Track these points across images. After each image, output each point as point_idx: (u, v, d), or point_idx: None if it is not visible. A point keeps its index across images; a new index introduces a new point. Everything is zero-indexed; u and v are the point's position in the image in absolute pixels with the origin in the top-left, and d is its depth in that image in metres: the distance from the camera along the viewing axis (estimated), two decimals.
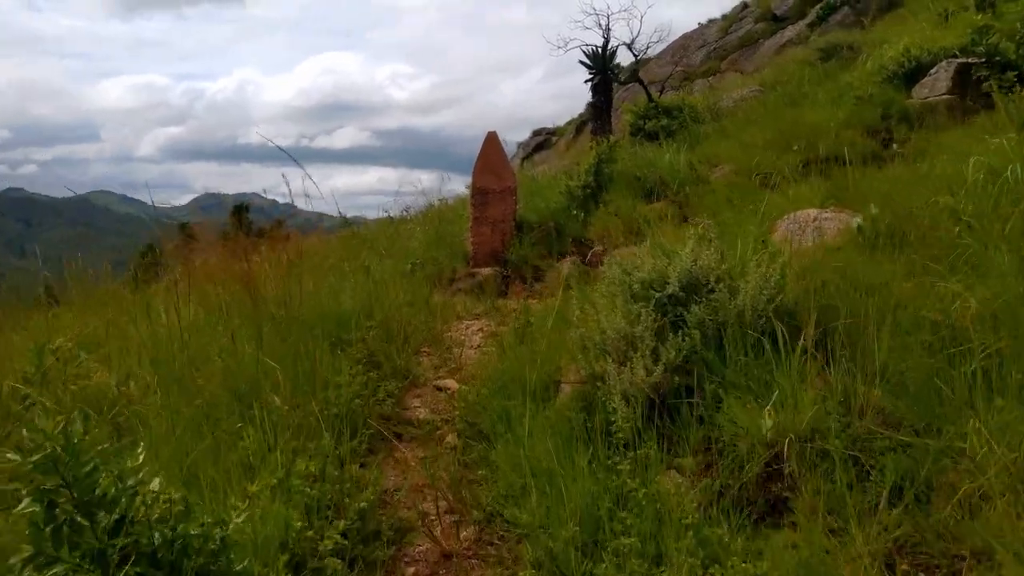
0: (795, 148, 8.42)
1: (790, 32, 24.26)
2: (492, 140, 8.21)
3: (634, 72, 12.24)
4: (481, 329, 5.52)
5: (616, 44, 12.24)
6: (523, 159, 38.04)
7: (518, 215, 8.47)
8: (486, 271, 7.93)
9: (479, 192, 8.21)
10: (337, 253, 11.62)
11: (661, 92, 12.55)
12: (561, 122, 35.73)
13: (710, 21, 30.06)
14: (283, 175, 5.47)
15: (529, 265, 7.91)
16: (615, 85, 13.03)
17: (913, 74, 9.16)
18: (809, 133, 8.77)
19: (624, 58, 12.89)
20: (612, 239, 7.88)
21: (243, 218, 24.78)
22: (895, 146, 8.53)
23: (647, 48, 12.72)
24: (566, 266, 7.27)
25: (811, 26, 23.09)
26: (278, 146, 5.64)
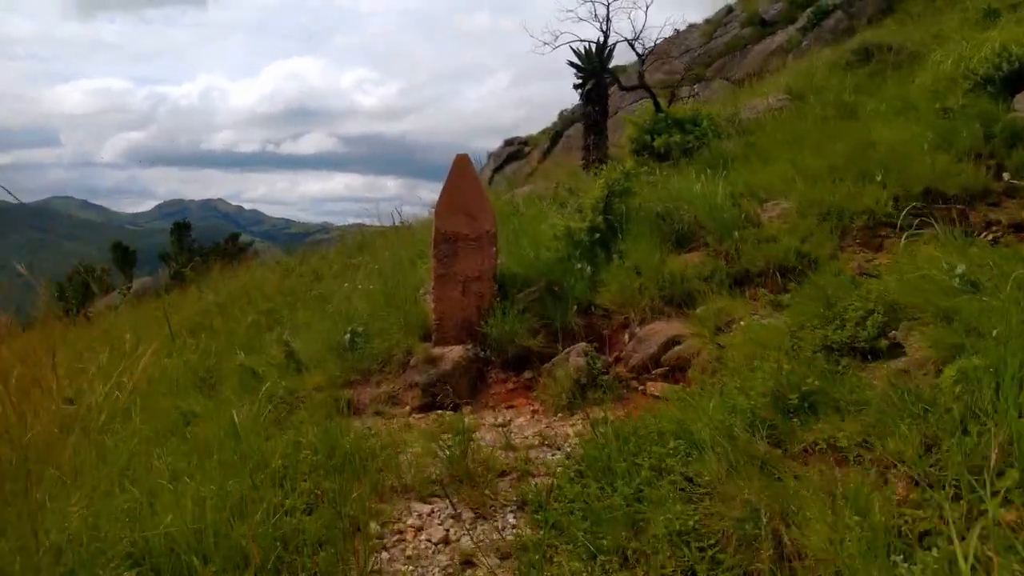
0: (878, 179, 6.16)
1: (780, 37, 22.48)
2: (462, 166, 5.79)
3: (639, 75, 9.93)
4: (446, 534, 3.02)
5: (616, 40, 9.93)
6: (494, 171, 35.70)
7: (499, 269, 6.08)
8: (454, 353, 5.50)
9: (445, 239, 5.79)
10: (250, 315, 9.16)
11: (671, 101, 10.26)
12: (533, 130, 33.53)
13: (691, 26, 28.15)
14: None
15: (516, 344, 5.50)
16: (611, 91, 10.70)
17: (1015, 79, 6.98)
18: (887, 157, 6.53)
19: (622, 58, 10.58)
20: (634, 307, 5.51)
21: (184, 237, 21.95)
22: (1006, 176, 6.32)
23: (654, 45, 10.44)
24: (574, 358, 4.85)
25: (802, 31, 21.33)
26: None
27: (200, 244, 31.96)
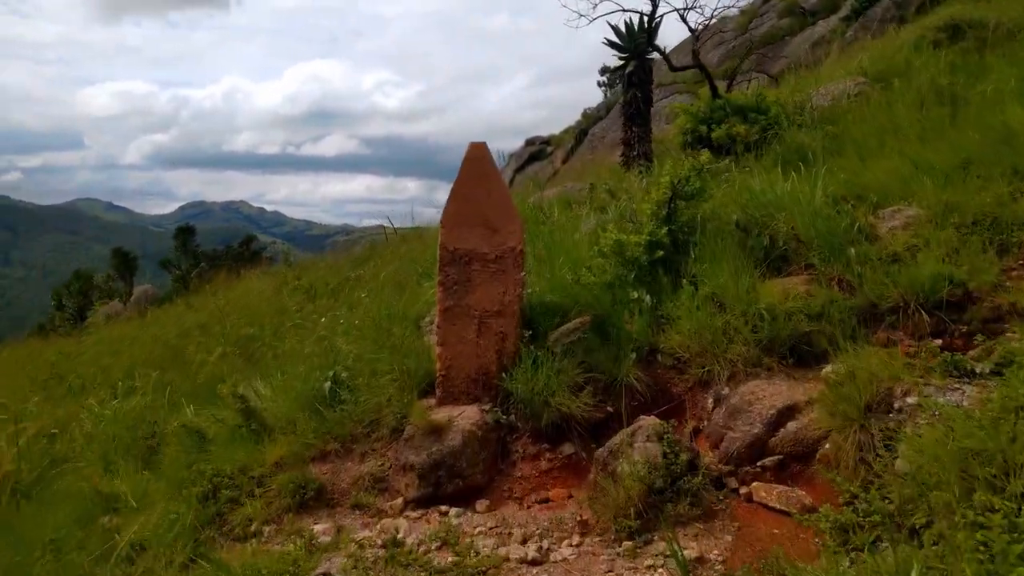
0: None
1: (822, 27, 20.83)
2: (478, 160, 4.22)
3: (694, 53, 8.32)
4: None
5: (665, 12, 8.31)
6: (515, 171, 34.16)
7: (526, 298, 4.52)
8: (465, 420, 3.95)
9: (455, 259, 4.23)
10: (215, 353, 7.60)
11: (730, 86, 8.62)
12: (555, 129, 32.06)
13: (724, 18, 26.44)
14: None
15: (553, 406, 3.94)
16: (656, 73, 9.09)
17: None
18: None
19: (669, 37, 9.03)
20: (719, 356, 3.92)
21: (188, 242, 20.66)
22: None
23: (711, 18, 8.78)
24: (642, 444, 3.25)
25: (846, 20, 19.67)
26: None
27: (214, 248, 30.75)
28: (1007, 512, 1.91)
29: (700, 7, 8.27)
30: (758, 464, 3.23)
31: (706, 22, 8.53)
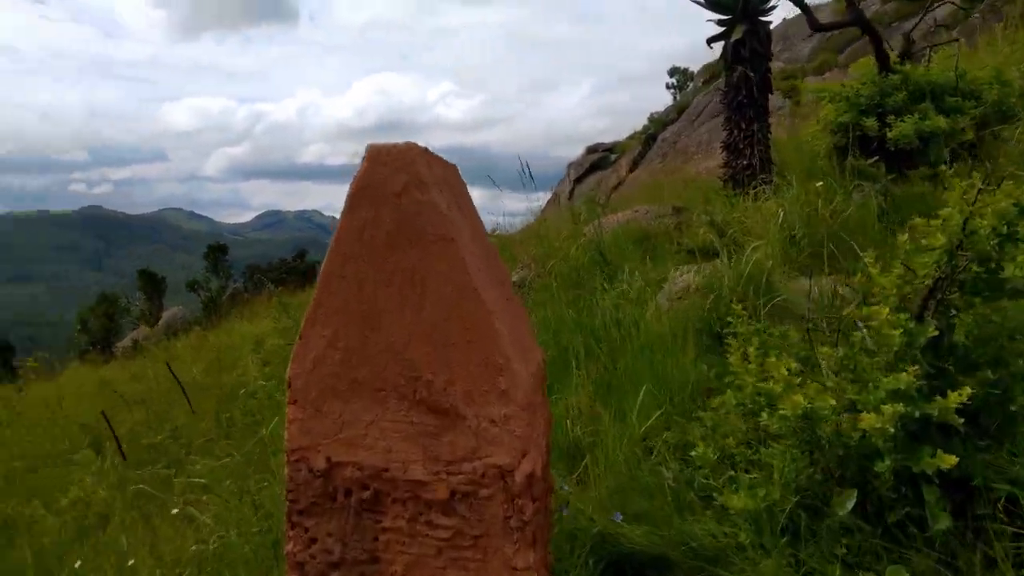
0: None
1: (938, 11, 17.20)
2: (400, 190, 1.38)
3: (850, 2, 5.26)
4: None
5: None
6: (575, 182, 31.38)
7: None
8: None
9: (325, 496, 1.45)
10: None
11: (905, 56, 5.50)
12: (618, 138, 29.14)
13: (817, 6, 22.94)
14: None
15: None
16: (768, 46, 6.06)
17: None
18: None
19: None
20: None
21: (219, 262, 18.56)
22: None
23: None
24: None
25: (969, 2, 16.04)
26: None
27: (282, 258, 28.88)
28: None
29: None
30: None
31: None
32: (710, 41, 6.09)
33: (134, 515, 4.37)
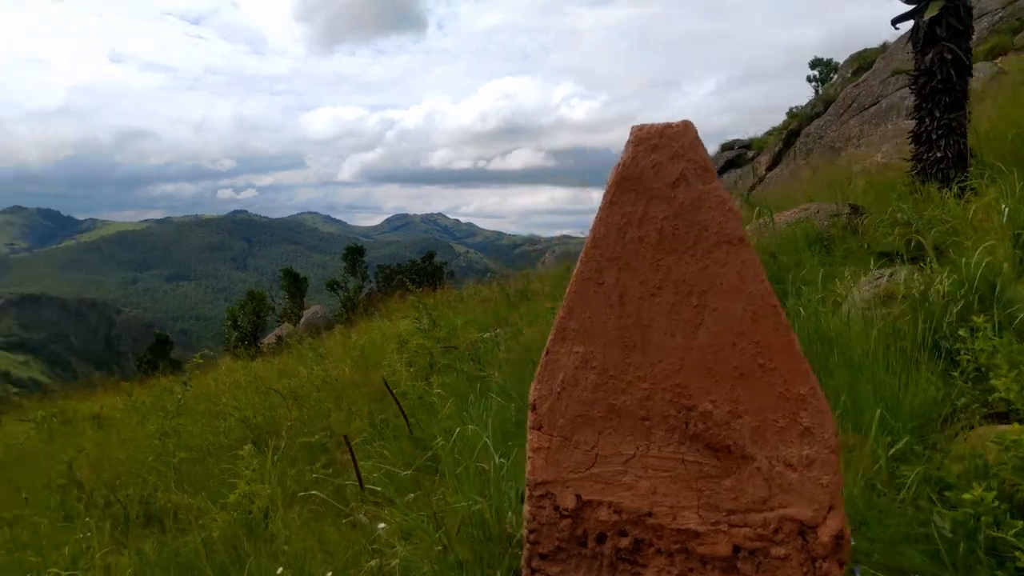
0: None
1: None
2: (675, 179, 1.13)
3: None
4: None
5: None
6: None
7: None
8: None
9: (574, 540, 1.24)
10: None
11: None
12: (747, 134, 27.91)
13: None
14: None
15: None
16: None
17: None
18: None
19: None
20: None
21: (356, 263, 19.26)
22: None
23: None
24: None
25: None
26: None
27: (411, 259, 29.70)
28: None
29: None
30: None
31: None
32: (896, 21, 5.48)
33: (295, 514, 4.43)
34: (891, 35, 23.29)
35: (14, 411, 14.91)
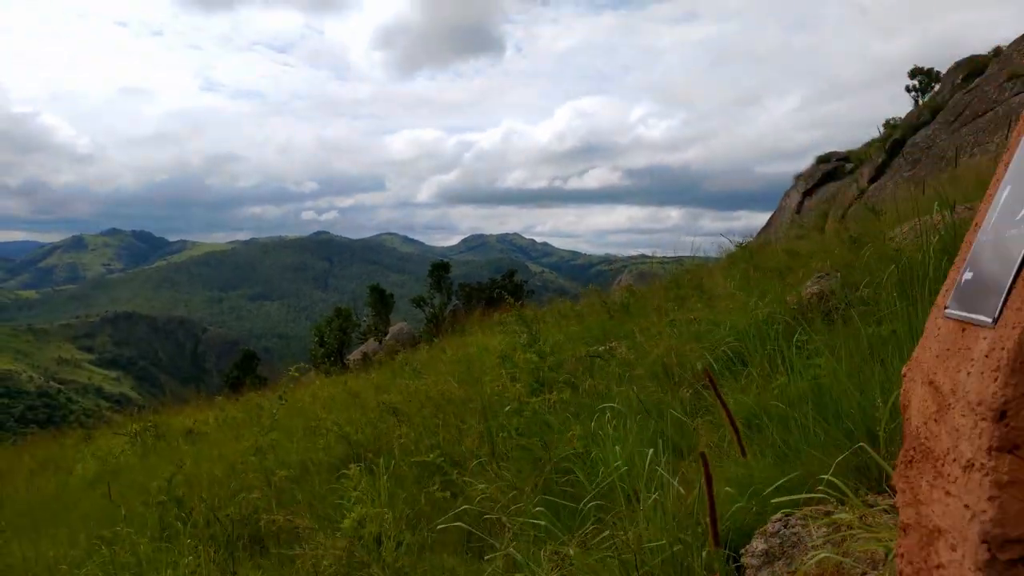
0: None
1: None
2: None
3: None
4: None
5: None
6: (804, 194, 29.04)
7: None
8: None
9: None
10: None
11: None
12: (840, 146, 26.61)
13: None
14: None
15: None
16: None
17: None
18: None
19: None
20: None
21: (442, 280, 19.11)
22: None
23: None
24: None
25: None
26: None
27: (491, 277, 29.50)
28: None
29: None
30: None
31: None
32: None
33: (410, 537, 3.97)
34: (1004, 39, 21.59)
35: (108, 426, 15.23)
